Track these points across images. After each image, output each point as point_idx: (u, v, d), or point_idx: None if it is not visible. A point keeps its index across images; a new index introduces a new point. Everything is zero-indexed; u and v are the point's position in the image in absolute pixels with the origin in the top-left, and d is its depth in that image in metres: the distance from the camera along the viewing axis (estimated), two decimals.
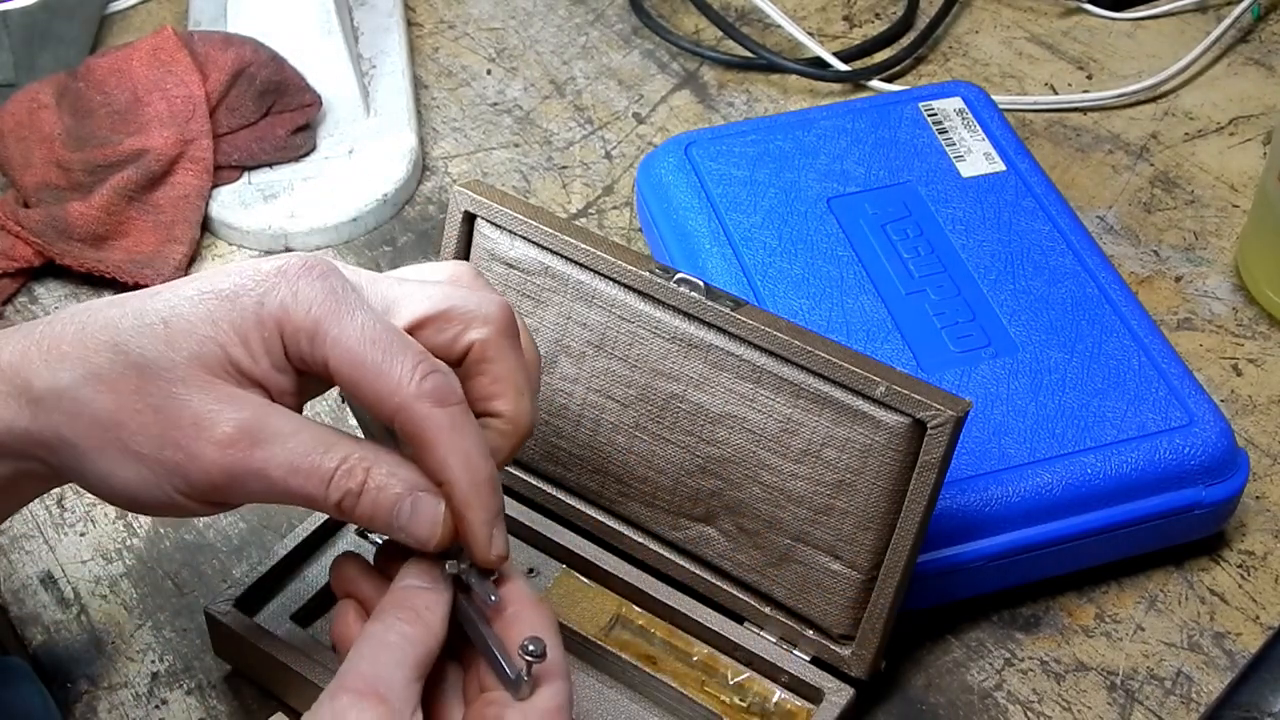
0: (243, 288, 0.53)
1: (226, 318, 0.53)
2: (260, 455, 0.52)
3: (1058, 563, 0.71)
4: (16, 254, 0.84)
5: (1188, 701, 0.68)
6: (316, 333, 0.53)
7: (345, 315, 0.53)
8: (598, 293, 0.67)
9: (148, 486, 0.53)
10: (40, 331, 0.54)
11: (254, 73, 0.89)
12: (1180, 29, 1.04)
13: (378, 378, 0.52)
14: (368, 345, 0.53)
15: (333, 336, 0.53)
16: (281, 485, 0.52)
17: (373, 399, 0.53)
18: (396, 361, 0.53)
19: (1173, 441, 0.70)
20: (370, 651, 0.52)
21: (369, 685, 0.51)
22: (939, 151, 0.83)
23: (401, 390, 0.52)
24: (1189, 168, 0.94)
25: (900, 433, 0.62)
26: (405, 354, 0.53)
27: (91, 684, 0.68)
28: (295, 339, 0.53)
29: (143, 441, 0.52)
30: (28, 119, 0.89)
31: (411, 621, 0.53)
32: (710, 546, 0.68)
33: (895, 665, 0.68)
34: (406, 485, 0.54)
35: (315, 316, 0.53)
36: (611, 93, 0.99)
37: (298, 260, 0.54)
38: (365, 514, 0.53)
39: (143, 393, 0.52)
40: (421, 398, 0.52)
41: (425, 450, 0.53)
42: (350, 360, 0.53)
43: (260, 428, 0.52)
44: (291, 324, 0.53)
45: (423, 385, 0.53)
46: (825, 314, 0.75)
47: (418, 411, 0.53)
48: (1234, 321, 0.84)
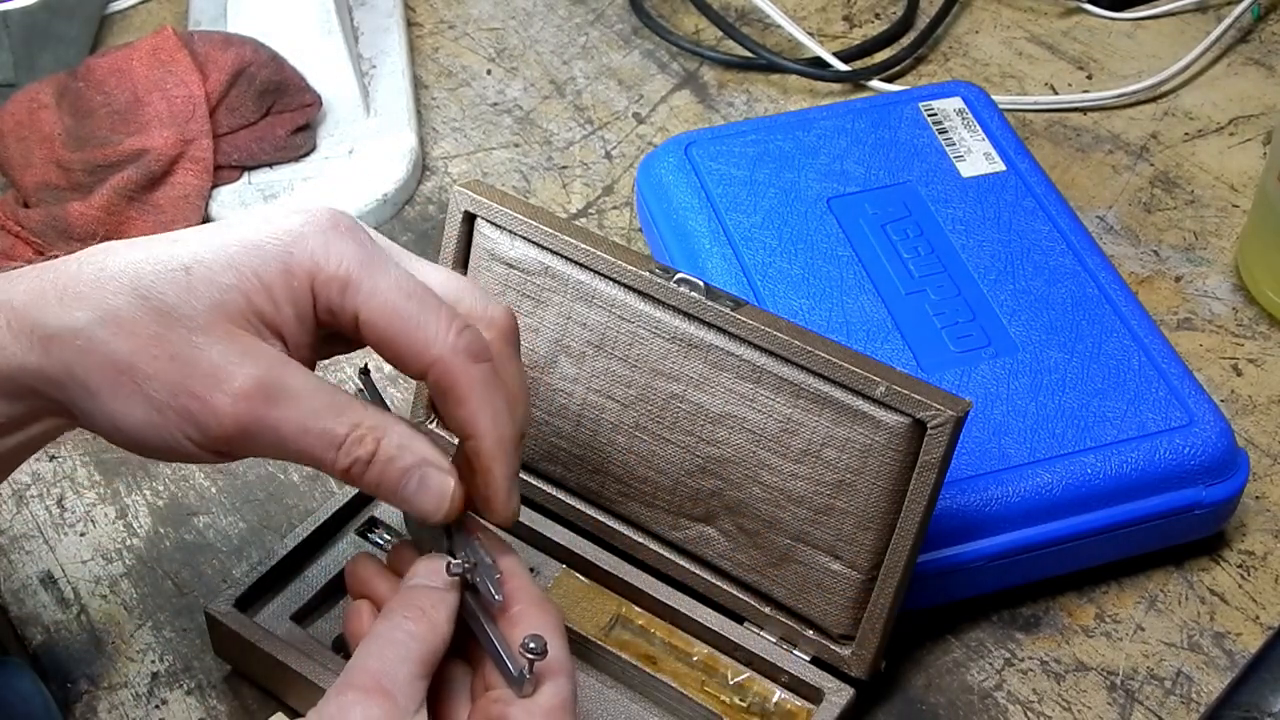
0: (271, 236, 0.53)
1: (251, 265, 0.52)
2: (275, 413, 0.51)
3: (1058, 563, 0.71)
4: (16, 254, 0.84)
5: (1188, 701, 0.68)
6: (349, 284, 0.53)
7: (379, 269, 0.53)
8: (598, 293, 0.67)
9: (158, 430, 0.52)
10: (56, 271, 0.53)
11: (254, 73, 0.89)
12: (1180, 29, 1.04)
13: (415, 330, 0.53)
14: (403, 298, 0.53)
15: (366, 289, 0.53)
16: (293, 444, 0.52)
17: (408, 352, 0.53)
18: (432, 315, 0.53)
19: (1173, 441, 0.70)
20: (377, 649, 0.53)
21: (374, 681, 0.51)
22: (939, 151, 0.83)
23: (438, 343, 0.53)
24: (1189, 168, 0.94)
25: (900, 433, 0.62)
26: (440, 308, 0.53)
27: (91, 684, 0.68)
28: (327, 289, 0.53)
29: (158, 387, 0.51)
30: (28, 119, 0.89)
31: (417, 619, 0.54)
32: (710, 546, 0.68)
33: (895, 665, 0.68)
34: (416, 457, 0.54)
35: (349, 268, 0.53)
36: (611, 93, 0.99)
37: (325, 213, 0.54)
38: (373, 482, 0.53)
39: (160, 339, 0.51)
40: (458, 352, 0.53)
41: (458, 404, 0.54)
42: (386, 312, 0.53)
43: (277, 384, 0.52)
44: (324, 275, 0.53)
45: (459, 340, 0.53)
46: (825, 314, 0.75)
47: (455, 365, 0.53)
48: (1234, 321, 0.84)
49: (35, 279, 0.53)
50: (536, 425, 0.70)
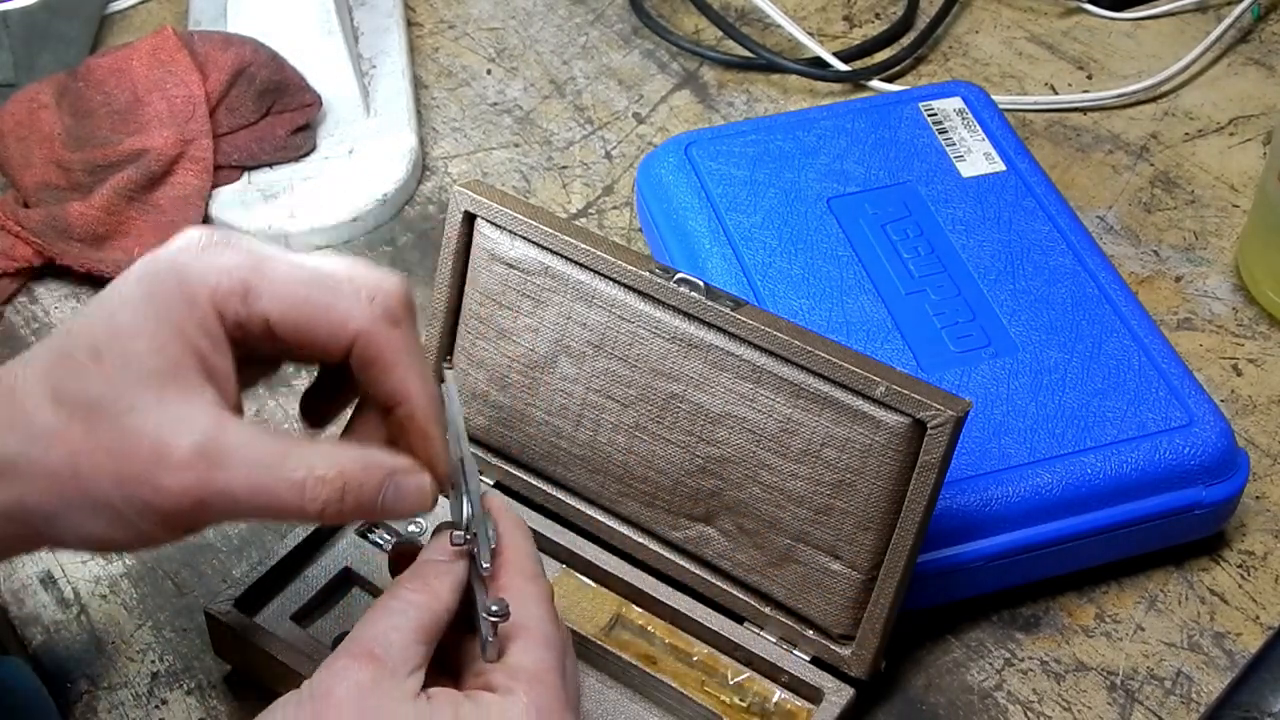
0: (155, 280, 0.52)
1: (152, 318, 0.51)
2: (221, 476, 0.50)
3: (1058, 563, 0.71)
4: (16, 254, 0.85)
5: (1188, 701, 0.68)
6: (248, 289, 0.51)
7: (270, 266, 0.52)
8: (598, 293, 0.67)
9: (119, 529, 0.51)
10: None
11: (254, 73, 0.89)
12: (1180, 29, 1.04)
13: (327, 311, 0.52)
14: (305, 285, 0.52)
15: (266, 288, 0.51)
16: (249, 503, 0.51)
17: (326, 335, 0.52)
18: (340, 293, 0.52)
19: (1173, 441, 0.70)
20: (372, 617, 0.53)
21: (364, 647, 0.52)
22: (939, 151, 0.83)
23: (355, 316, 0.52)
24: (1189, 168, 0.94)
25: (900, 433, 0.62)
26: (343, 284, 0.52)
27: (91, 684, 0.68)
28: (227, 303, 0.51)
29: (104, 485, 0.50)
30: (28, 119, 0.89)
31: (419, 590, 0.54)
32: (710, 546, 0.68)
33: (895, 665, 0.68)
34: (383, 470, 0.53)
35: (240, 275, 0.51)
36: (611, 93, 0.99)
37: (193, 233, 0.53)
38: (350, 512, 0.52)
39: (91, 435, 0.50)
40: (376, 319, 0.52)
41: (387, 371, 0.53)
42: (291, 303, 0.52)
43: (214, 446, 0.50)
44: (221, 289, 0.51)
45: (374, 308, 0.52)
46: (825, 314, 0.75)
47: (377, 333, 0.52)
48: (1234, 321, 0.84)
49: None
50: (536, 425, 0.70)
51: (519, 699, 0.52)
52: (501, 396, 0.71)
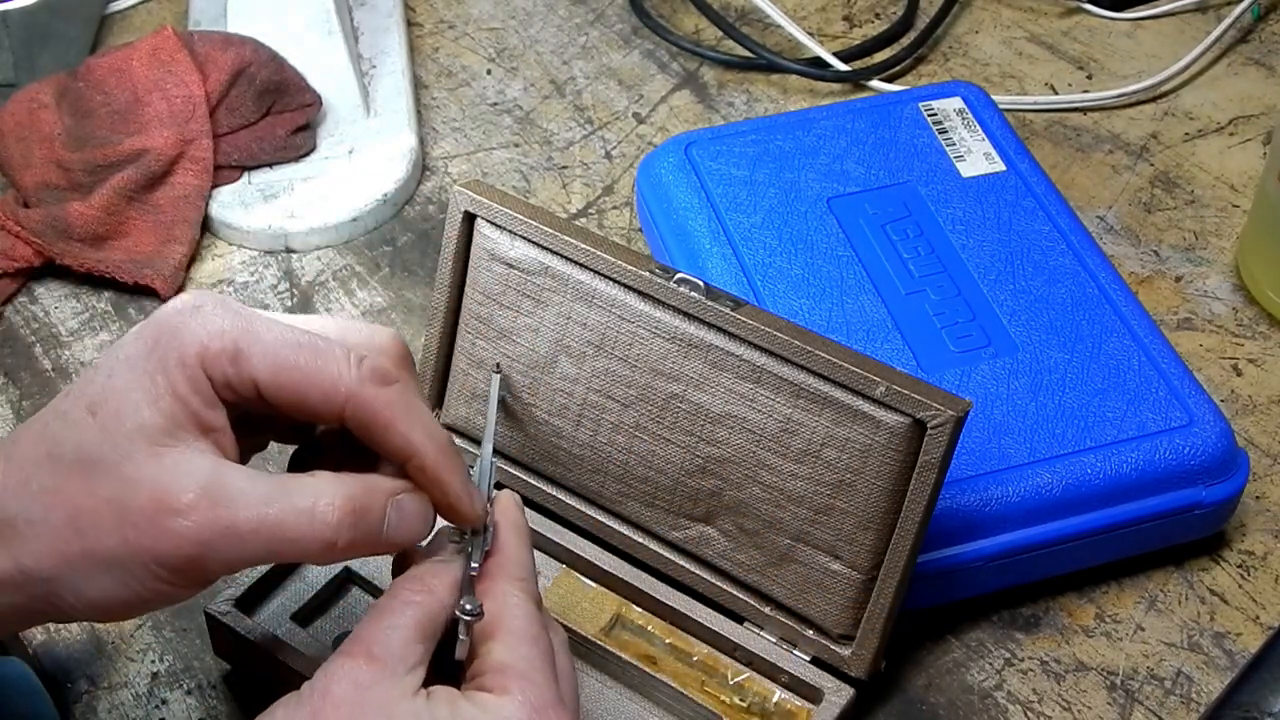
0: (150, 340, 0.52)
1: (147, 376, 0.51)
2: (227, 514, 0.50)
3: (1058, 563, 0.71)
4: (16, 254, 0.85)
5: (1188, 701, 0.68)
6: (238, 353, 0.51)
7: (260, 329, 0.52)
8: (598, 293, 0.67)
9: (125, 587, 0.50)
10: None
11: (254, 73, 0.89)
12: (1180, 29, 1.04)
13: (315, 376, 0.52)
14: (294, 350, 0.52)
15: (256, 352, 0.52)
16: (254, 540, 0.50)
17: (316, 399, 0.52)
18: (329, 357, 0.52)
19: (1173, 441, 0.70)
20: (370, 618, 0.53)
21: (363, 647, 0.52)
22: (939, 151, 0.83)
23: (344, 380, 0.52)
24: (1189, 168, 0.94)
25: (900, 433, 0.62)
26: (332, 347, 0.52)
27: (91, 684, 0.68)
28: (218, 365, 0.51)
29: (106, 539, 0.49)
30: (28, 119, 0.89)
31: (416, 589, 0.54)
32: (710, 546, 0.68)
33: (895, 665, 0.68)
34: (384, 494, 0.53)
35: (231, 337, 0.51)
36: (611, 93, 0.99)
37: (187, 297, 0.53)
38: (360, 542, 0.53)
39: (91, 491, 0.50)
40: (365, 381, 0.52)
41: (385, 431, 0.53)
42: (280, 368, 0.52)
43: (218, 486, 0.50)
44: (210, 352, 0.51)
45: (362, 371, 0.52)
46: (825, 314, 0.75)
47: (367, 394, 0.52)
48: (1234, 321, 0.84)
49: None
50: (536, 425, 0.70)
51: (514, 697, 0.52)
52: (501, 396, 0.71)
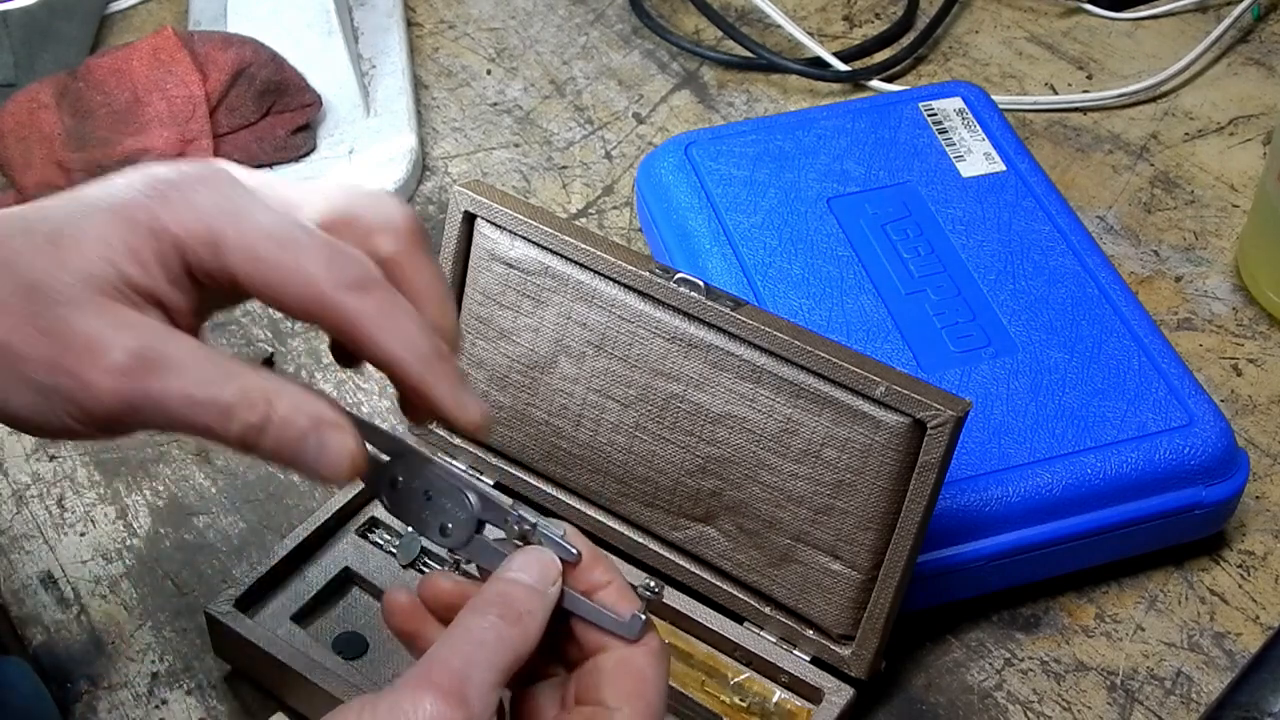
0: (134, 201, 0.50)
1: (118, 234, 0.49)
2: (157, 385, 0.48)
3: (1058, 563, 0.71)
4: None
5: (1188, 701, 0.68)
6: (217, 242, 0.49)
7: (244, 219, 0.50)
8: (598, 293, 0.67)
9: (41, 412, 0.49)
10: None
11: (254, 73, 0.89)
12: (1180, 29, 1.04)
13: (290, 276, 0.50)
14: (273, 246, 0.50)
15: (234, 243, 0.49)
16: (180, 415, 0.49)
17: (291, 301, 0.50)
18: (306, 257, 0.50)
19: (1173, 441, 0.70)
20: (464, 650, 0.50)
21: (455, 685, 0.49)
22: (939, 151, 0.83)
23: (318, 285, 0.50)
24: (1189, 168, 0.94)
25: (900, 433, 0.62)
26: (313, 248, 0.50)
27: (91, 684, 0.68)
28: (195, 252, 0.50)
29: (35, 366, 0.48)
30: (28, 119, 0.89)
31: (512, 623, 0.51)
32: (710, 546, 0.68)
33: (895, 665, 0.68)
34: (312, 419, 0.50)
35: (213, 226, 0.49)
36: (611, 93, 0.99)
37: (192, 168, 0.51)
38: (269, 448, 0.50)
39: (32, 315, 0.48)
40: (340, 288, 0.50)
41: (361, 342, 0.50)
42: (257, 264, 0.49)
43: (156, 355, 0.48)
44: (189, 236, 0.49)
45: (339, 276, 0.50)
46: (825, 314, 0.75)
47: (341, 303, 0.50)
48: (1234, 321, 0.84)
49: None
50: (536, 425, 0.70)
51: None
52: (501, 396, 0.71)
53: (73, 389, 0.48)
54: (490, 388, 0.71)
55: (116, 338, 0.48)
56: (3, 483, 0.76)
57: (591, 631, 0.53)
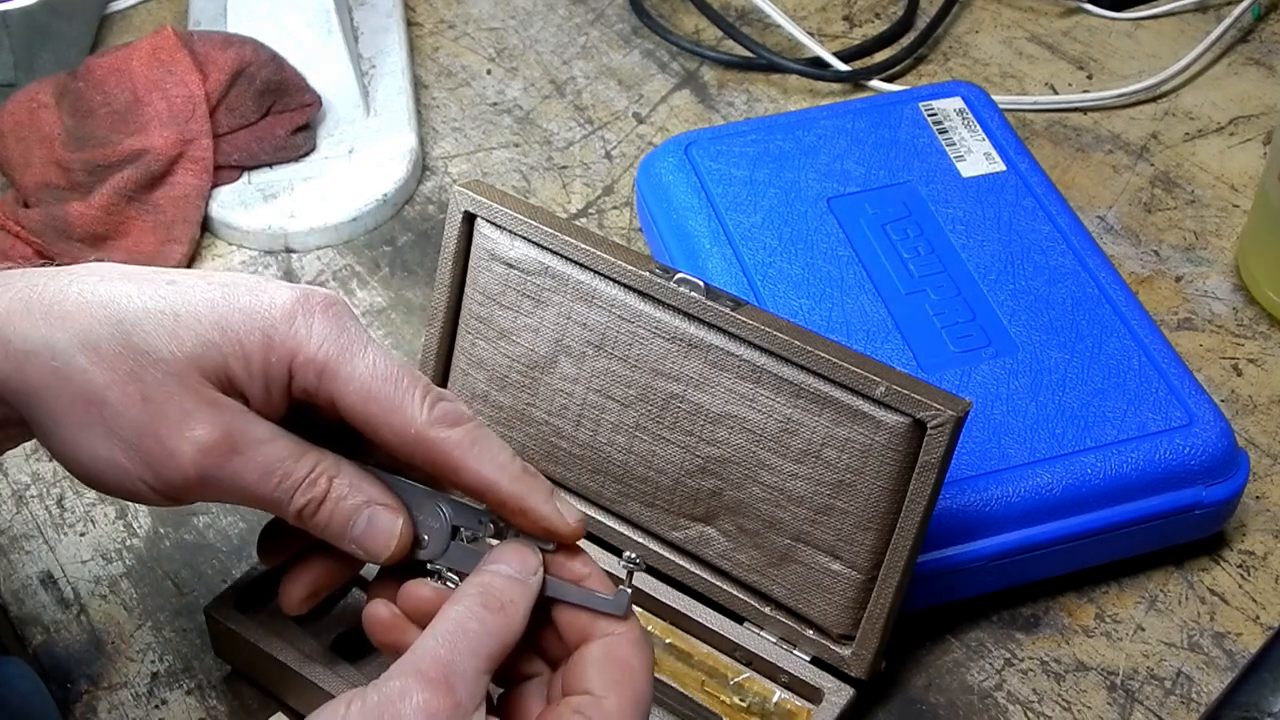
0: (259, 309, 0.54)
1: (236, 331, 0.53)
2: (233, 462, 0.53)
3: (1058, 563, 0.71)
4: (16, 254, 0.84)
5: (1188, 701, 0.68)
6: (326, 369, 0.54)
7: (356, 353, 0.54)
8: (598, 293, 0.67)
9: (115, 470, 0.53)
10: (45, 284, 0.54)
11: (254, 73, 0.89)
12: (1180, 29, 1.04)
13: (391, 413, 0.54)
14: (378, 382, 0.54)
15: (344, 374, 0.54)
16: (252, 489, 0.53)
17: (388, 434, 0.54)
18: (406, 395, 0.54)
19: (1173, 441, 0.70)
20: (448, 638, 0.52)
21: (441, 673, 0.50)
22: (939, 151, 0.83)
23: (416, 421, 0.54)
24: (1189, 168, 0.94)
25: (900, 433, 0.62)
26: (414, 387, 0.54)
27: (91, 684, 0.68)
28: (304, 372, 0.54)
29: (124, 426, 0.52)
30: (28, 119, 0.89)
31: (495, 611, 0.53)
32: (710, 546, 0.68)
33: (895, 665, 0.68)
34: (364, 497, 0.55)
35: (327, 353, 0.54)
36: (611, 93, 0.99)
37: (316, 294, 0.55)
38: (322, 522, 0.55)
39: (136, 378, 0.52)
40: (434, 424, 0.54)
41: (455, 470, 0.54)
42: (362, 397, 0.54)
43: (240, 435, 0.53)
44: (302, 357, 0.54)
45: (434, 413, 0.54)
46: (825, 314, 0.75)
47: (435, 436, 0.54)
48: (1234, 321, 0.84)
49: (23, 288, 0.53)
50: (536, 425, 0.70)
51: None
52: (501, 396, 0.71)
53: (157, 455, 0.52)
54: (490, 388, 0.71)
55: (208, 415, 0.52)
56: (3, 483, 0.76)
57: (576, 620, 0.54)
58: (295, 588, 0.59)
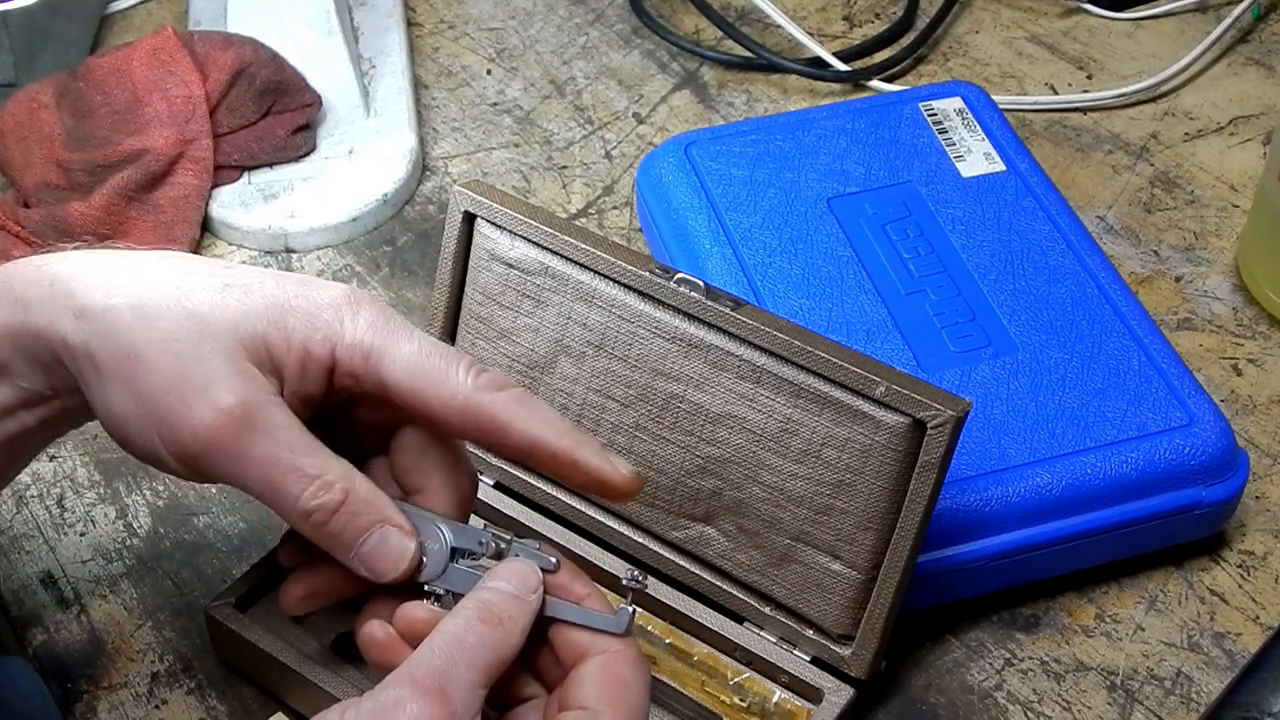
0: (309, 293, 0.56)
1: (282, 311, 0.55)
2: (248, 437, 0.53)
3: (1058, 563, 0.71)
4: (16, 254, 0.84)
5: (1188, 701, 0.68)
6: (373, 349, 0.55)
7: (403, 336, 0.56)
8: (598, 293, 0.67)
9: (136, 424, 0.54)
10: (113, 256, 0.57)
11: (254, 73, 0.89)
12: (1180, 29, 1.04)
13: (440, 384, 0.55)
14: (424, 358, 0.55)
15: (390, 353, 0.55)
16: (258, 474, 0.53)
17: (436, 404, 0.55)
18: (451, 367, 0.55)
19: (1173, 441, 0.70)
20: (444, 649, 0.52)
21: (436, 682, 0.51)
22: (939, 151, 0.83)
23: (463, 389, 0.55)
24: (1189, 168, 0.94)
25: (900, 433, 0.62)
26: (458, 359, 0.56)
27: (91, 684, 0.68)
28: (350, 355, 0.55)
29: (151, 380, 0.53)
30: (28, 119, 0.89)
31: (493, 625, 0.53)
32: (710, 546, 0.68)
33: (895, 665, 0.68)
34: (381, 514, 0.55)
35: (374, 336, 0.56)
36: (611, 93, 0.99)
37: (365, 293, 0.57)
38: (334, 532, 0.54)
39: (174, 337, 0.54)
40: (480, 389, 0.55)
41: (503, 431, 0.55)
42: (409, 372, 0.55)
43: (260, 412, 0.53)
44: (350, 339, 0.55)
45: (479, 380, 0.55)
46: (825, 314, 0.75)
47: (483, 399, 0.55)
48: (1234, 321, 0.84)
49: (90, 256, 0.56)
50: None
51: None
52: None
53: (177, 412, 0.53)
54: None
55: (232, 384, 0.53)
56: None
57: (574, 640, 0.55)
58: (296, 587, 0.59)
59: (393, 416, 0.58)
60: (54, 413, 0.58)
